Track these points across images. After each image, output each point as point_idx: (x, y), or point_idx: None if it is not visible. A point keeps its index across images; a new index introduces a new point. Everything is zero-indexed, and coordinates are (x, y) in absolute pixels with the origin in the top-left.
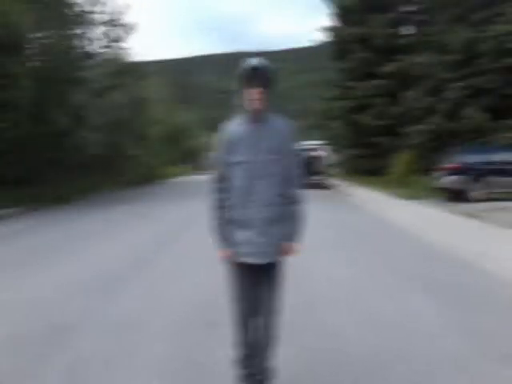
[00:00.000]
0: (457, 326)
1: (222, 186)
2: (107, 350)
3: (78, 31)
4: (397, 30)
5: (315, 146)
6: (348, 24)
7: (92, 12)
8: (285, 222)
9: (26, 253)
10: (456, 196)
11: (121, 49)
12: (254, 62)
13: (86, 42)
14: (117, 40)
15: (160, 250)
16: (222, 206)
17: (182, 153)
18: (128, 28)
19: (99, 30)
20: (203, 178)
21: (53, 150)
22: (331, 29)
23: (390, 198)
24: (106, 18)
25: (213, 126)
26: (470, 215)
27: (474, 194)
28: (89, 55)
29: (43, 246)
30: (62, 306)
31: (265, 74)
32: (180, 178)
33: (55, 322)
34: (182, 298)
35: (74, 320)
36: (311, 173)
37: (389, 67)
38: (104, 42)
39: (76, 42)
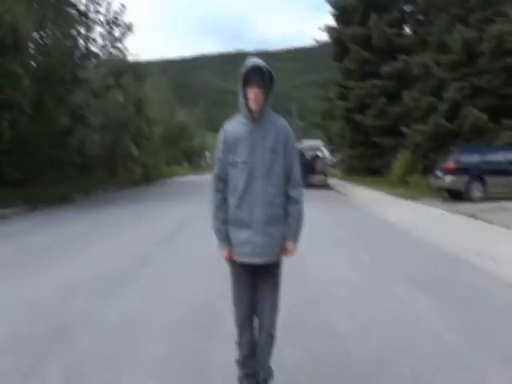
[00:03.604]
0: (458, 326)
1: (222, 185)
2: (106, 350)
3: (78, 31)
4: (397, 30)
5: (315, 146)
6: (348, 24)
7: (92, 12)
8: (285, 222)
9: (27, 253)
10: (456, 196)
11: (121, 49)
12: (255, 62)
13: (86, 42)
14: (117, 40)
15: (159, 250)
16: (221, 206)
17: (182, 153)
18: (128, 28)
19: (99, 30)
20: (203, 178)
21: (53, 150)
22: (331, 29)
23: (389, 198)
24: (106, 18)
25: (213, 125)
26: (470, 215)
27: (473, 194)
28: (89, 55)
29: (43, 246)
30: (62, 306)
31: (265, 74)
32: (180, 178)
33: (55, 322)
34: (181, 299)
35: (74, 320)
36: (311, 172)
37: (389, 67)
38: (104, 42)
39: (76, 42)
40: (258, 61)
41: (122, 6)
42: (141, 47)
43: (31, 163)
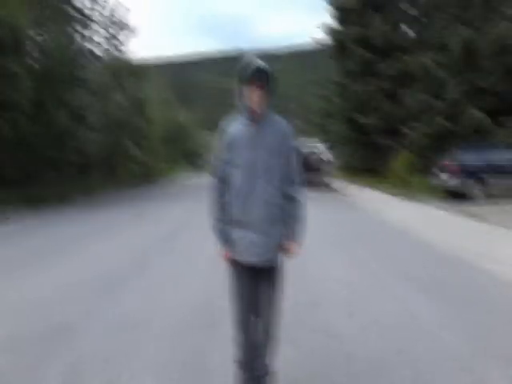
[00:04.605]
0: (458, 326)
1: (222, 186)
2: (107, 350)
3: (78, 31)
4: (397, 29)
5: (315, 146)
6: (347, 23)
7: (93, 12)
8: (285, 222)
9: (27, 253)
10: (456, 196)
11: (121, 48)
12: (258, 63)
13: (86, 42)
14: (117, 40)
15: (160, 250)
16: (221, 206)
17: (182, 153)
18: (128, 28)
19: (99, 30)
20: (203, 178)
21: (53, 150)
22: (330, 29)
23: (389, 199)
24: (106, 18)
25: (213, 125)
26: (471, 216)
27: (475, 195)
28: (89, 55)
29: (43, 246)
30: (62, 307)
31: (267, 76)
32: (180, 178)
33: (55, 323)
34: (182, 299)
35: (74, 320)
36: (312, 173)
37: (388, 67)
38: (104, 42)
39: (76, 42)
40: (261, 62)
41: (125, 6)
42: (140, 46)
43: (31, 163)
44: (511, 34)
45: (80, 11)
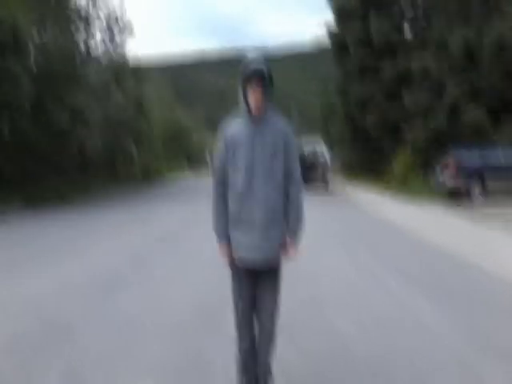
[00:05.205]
0: (459, 326)
1: (223, 187)
2: (106, 350)
3: (79, 31)
4: (396, 29)
5: (316, 145)
6: (347, 24)
7: (93, 12)
8: (285, 223)
9: (26, 253)
10: (456, 197)
11: (121, 48)
12: (255, 64)
13: (86, 42)
14: (117, 40)
15: (160, 250)
16: (223, 210)
17: (182, 153)
18: (128, 28)
19: (99, 30)
20: (203, 179)
21: (52, 150)
22: (330, 29)
23: (390, 200)
24: (106, 18)
25: (213, 125)
26: (471, 219)
27: (476, 198)
28: (89, 55)
29: (43, 246)
30: (62, 307)
31: (265, 76)
32: (180, 179)
33: (55, 323)
34: (183, 299)
35: (74, 320)
36: (311, 172)
37: (388, 67)
38: (104, 42)
39: (76, 43)
40: (258, 60)
41: (125, 8)
42: (140, 45)
43: (31, 163)
44: (511, 34)
45: (80, 11)
